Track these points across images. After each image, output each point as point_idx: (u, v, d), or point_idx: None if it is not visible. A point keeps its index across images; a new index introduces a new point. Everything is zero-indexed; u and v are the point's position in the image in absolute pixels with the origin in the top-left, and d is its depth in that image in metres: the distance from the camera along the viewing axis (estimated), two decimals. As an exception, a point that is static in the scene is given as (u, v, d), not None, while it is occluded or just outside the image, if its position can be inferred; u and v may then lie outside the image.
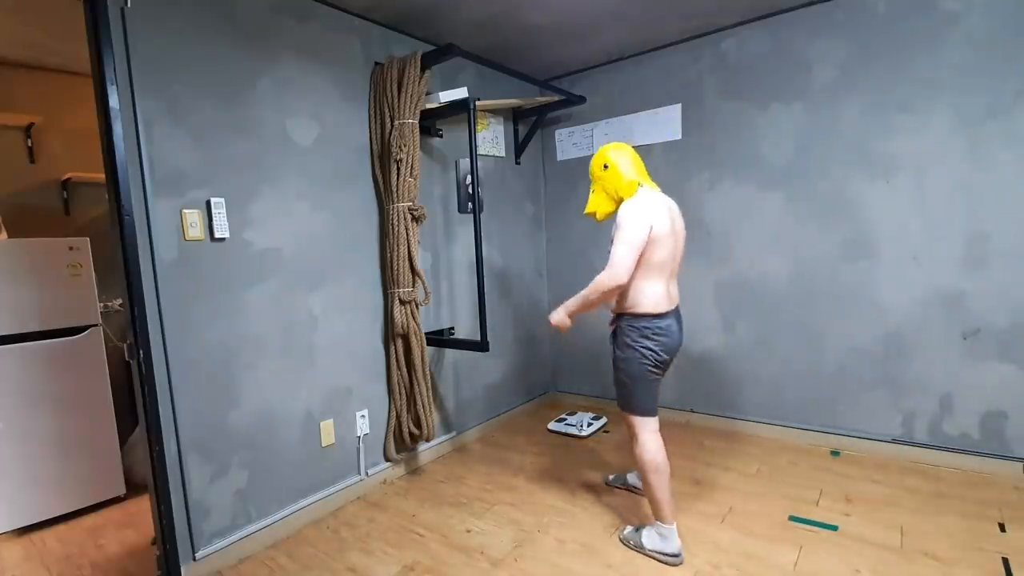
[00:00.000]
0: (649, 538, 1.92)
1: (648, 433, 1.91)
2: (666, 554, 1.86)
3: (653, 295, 1.87)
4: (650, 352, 1.87)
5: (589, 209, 2.07)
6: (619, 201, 1.93)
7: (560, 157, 3.53)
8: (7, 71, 2.79)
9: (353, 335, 2.44)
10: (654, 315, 1.86)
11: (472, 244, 2.69)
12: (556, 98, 3.26)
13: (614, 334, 1.96)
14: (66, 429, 2.44)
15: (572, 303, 1.99)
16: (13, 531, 2.35)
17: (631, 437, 1.95)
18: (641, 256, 1.81)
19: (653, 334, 1.87)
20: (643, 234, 1.79)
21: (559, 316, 2.03)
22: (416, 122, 2.38)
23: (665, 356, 1.90)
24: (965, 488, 2.24)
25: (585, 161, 3.39)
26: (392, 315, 2.44)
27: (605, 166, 1.95)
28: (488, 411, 3.26)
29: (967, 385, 2.37)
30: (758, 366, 2.90)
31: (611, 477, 2.47)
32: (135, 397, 1.83)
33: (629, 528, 2.03)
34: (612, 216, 1.96)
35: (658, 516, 1.89)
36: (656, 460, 1.87)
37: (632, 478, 2.38)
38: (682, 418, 3.20)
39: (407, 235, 2.39)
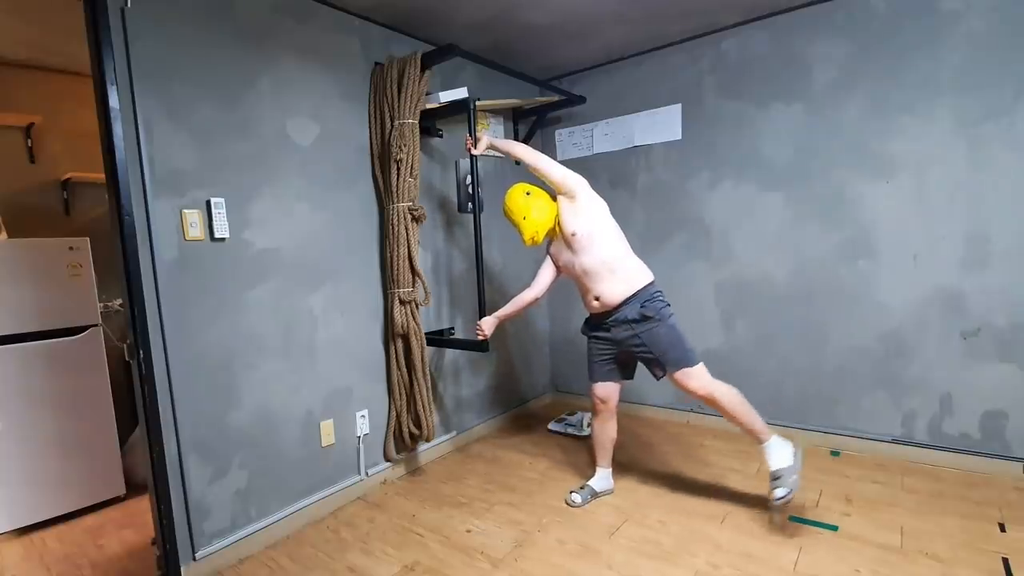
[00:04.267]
0: (782, 456, 1.97)
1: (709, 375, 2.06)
2: (791, 450, 1.99)
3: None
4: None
5: (529, 234, 2.18)
6: (559, 197, 2.17)
7: (560, 157, 3.52)
8: (7, 71, 2.79)
9: (353, 335, 2.44)
10: None
11: (472, 244, 2.69)
12: (556, 98, 3.26)
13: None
14: (66, 429, 2.44)
15: None
16: (13, 531, 2.35)
17: (703, 391, 2.04)
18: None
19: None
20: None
21: None
22: (416, 122, 2.38)
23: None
24: (965, 488, 2.24)
25: (586, 161, 3.39)
26: (392, 315, 2.44)
27: (528, 193, 2.21)
28: (488, 411, 3.26)
29: (967, 385, 2.37)
30: (758, 366, 2.90)
31: (577, 500, 2.25)
32: (135, 397, 1.83)
33: (780, 488, 1.92)
34: (551, 233, 2.21)
35: (763, 435, 2.01)
36: (733, 390, 2.03)
37: (597, 484, 2.33)
38: (682, 418, 3.20)
39: (407, 235, 2.39)
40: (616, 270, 2.08)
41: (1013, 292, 2.25)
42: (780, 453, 1.98)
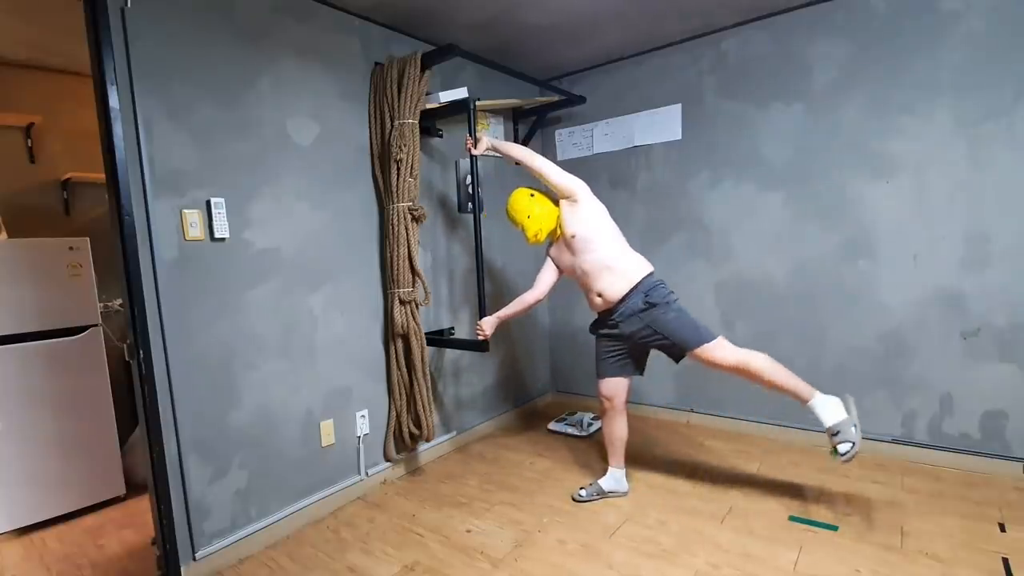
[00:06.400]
0: (833, 411, 1.90)
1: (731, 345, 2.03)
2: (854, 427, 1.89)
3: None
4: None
5: (532, 232, 2.23)
6: (561, 200, 2.20)
7: (560, 157, 3.52)
8: (7, 71, 2.79)
9: (353, 335, 2.44)
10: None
11: (472, 244, 2.69)
12: (556, 98, 3.26)
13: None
14: (66, 429, 2.44)
15: None
16: (13, 531, 2.35)
17: (729, 362, 1.98)
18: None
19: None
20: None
21: None
22: (416, 122, 2.38)
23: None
24: (965, 488, 2.24)
25: (586, 161, 3.40)
26: (392, 315, 2.44)
27: (532, 194, 2.25)
28: (488, 411, 3.26)
29: (967, 385, 2.37)
30: (758, 366, 2.90)
31: (583, 493, 2.30)
32: (135, 397, 1.83)
33: (843, 444, 1.86)
34: (552, 234, 2.25)
35: (807, 395, 1.95)
36: (762, 354, 1.98)
37: (606, 483, 2.32)
38: (682, 418, 3.20)
39: (407, 235, 2.39)
40: (614, 268, 2.11)
41: (1013, 292, 2.25)
42: (830, 409, 1.91)
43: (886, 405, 2.56)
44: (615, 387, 2.25)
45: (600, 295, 2.15)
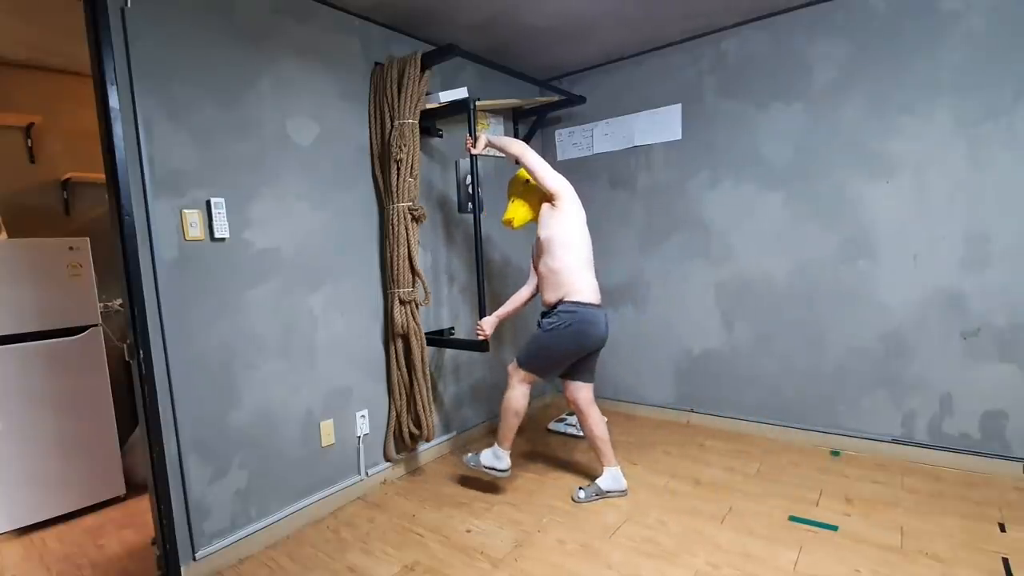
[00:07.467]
0: (488, 458, 2.34)
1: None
2: (499, 469, 2.35)
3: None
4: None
5: (508, 216, 2.39)
6: (545, 200, 2.30)
7: (560, 157, 3.53)
8: (7, 71, 2.79)
9: (353, 335, 2.44)
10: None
11: (472, 244, 2.69)
12: (556, 98, 3.26)
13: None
14: (66, 429, 2.44)
15: None
16: (13, 531, 2.35)
17: (511, 380, 2.33)
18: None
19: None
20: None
21: None
22: (416, 122, 2.38)
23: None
24: (965, 488, 2.24)
25: (586, 161, 3.40)
26: (392, 315, 2.44)
27: (527, 181, 2.35)
28: (488, 411, 3.26)
29: (967, 385, 2.37)
30: (758, 366, 2.90)
31: (582, 494, 2.31)
32: (135, 397, 1.83)
33: (469, 454, 2.41)
34: (531, 222, 2.39)
35: (502, 444, 2.35)
36: (521, 406, 2.32)
37: (604, 483, 2.32)
38: (682, 418, 3.20)
39: (407, 235, 2.39)
40: (560, 281, 2.22)
41: (1013, 292, 2.25)
42: (489, 457, 2.34)
43: (886, 405, 2.56)
44: (568, 388, 2.36)
45: (542, 298, 2.32)
